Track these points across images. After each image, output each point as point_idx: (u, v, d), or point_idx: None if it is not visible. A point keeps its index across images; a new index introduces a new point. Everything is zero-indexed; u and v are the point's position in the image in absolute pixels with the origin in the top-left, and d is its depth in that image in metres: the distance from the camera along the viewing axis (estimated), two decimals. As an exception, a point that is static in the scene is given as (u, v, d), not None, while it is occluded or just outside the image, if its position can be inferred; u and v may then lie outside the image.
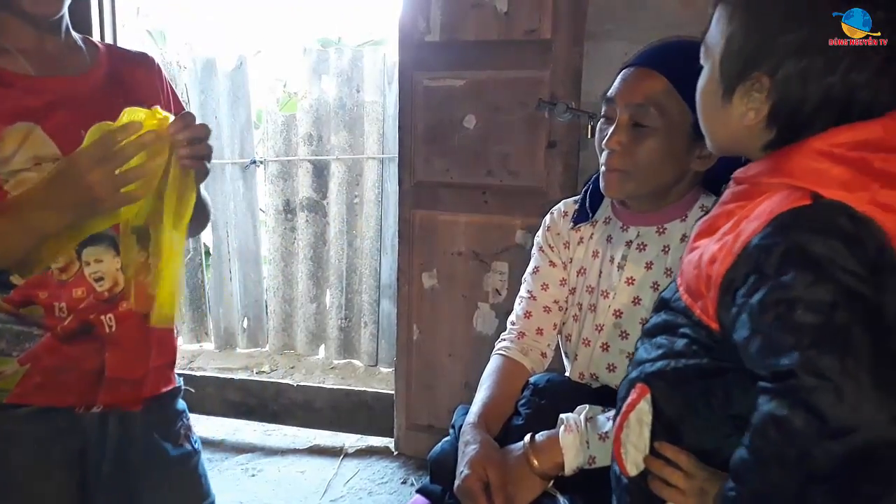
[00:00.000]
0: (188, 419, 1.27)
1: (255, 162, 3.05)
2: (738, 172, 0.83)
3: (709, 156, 1.13)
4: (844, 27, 0.73)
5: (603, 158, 1.17)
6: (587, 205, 1.28)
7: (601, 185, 1.20)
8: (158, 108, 0.96)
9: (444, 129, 2.10)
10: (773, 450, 0.69)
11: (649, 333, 0.93)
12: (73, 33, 1.13)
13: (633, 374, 0.92)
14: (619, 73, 1.19)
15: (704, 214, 1.14)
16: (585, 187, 1.30)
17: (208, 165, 1.05)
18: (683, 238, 1.18)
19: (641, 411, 0.88)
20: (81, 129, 0.96)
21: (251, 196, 3.12)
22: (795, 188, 0.73)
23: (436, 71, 2.08)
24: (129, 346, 1.13)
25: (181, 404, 1.27)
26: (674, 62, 1.13)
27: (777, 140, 0.79)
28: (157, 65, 1.22)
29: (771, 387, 0.70)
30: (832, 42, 0.73)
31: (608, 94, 1.17)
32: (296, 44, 2.97)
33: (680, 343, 0.86)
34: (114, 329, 1.11)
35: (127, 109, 0.95)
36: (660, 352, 0.89)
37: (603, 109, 1.19)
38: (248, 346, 3.24)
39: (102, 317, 1.10)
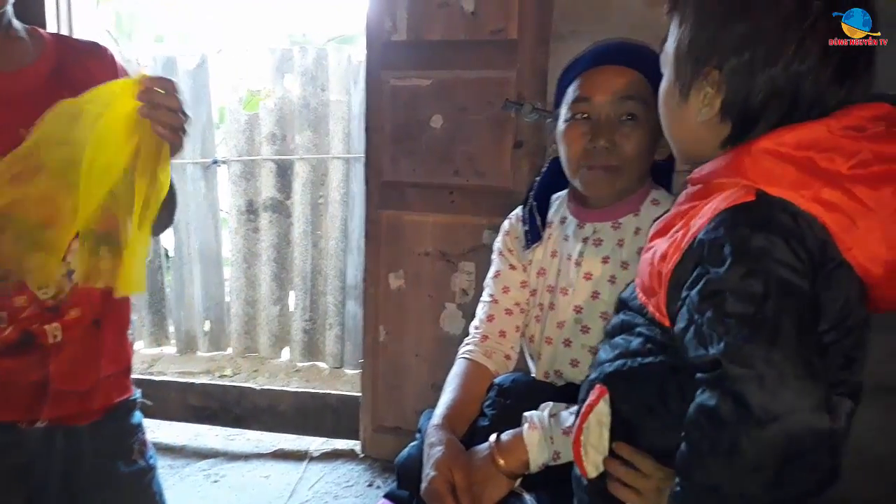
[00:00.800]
0: (144, 433, 1.21)
1: (216, 162, 2.99)
2: (693, 174, 0.85)
3: (667, 144, 1.18)
4: (783, 18, 0.75)
5: (587, 159, 1.18)
6: (537, 223, 1.30)
7: (584, 184, 1.21)
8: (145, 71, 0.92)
9: (411, 129, 2.08)
10: (707, 441, 0.71)
11: (609, 334, 0.95)
12: (16, 24, 1.06)
13: (593, 375, 0.93)
14: (572, 78, 1.20)
15: (656, 208, 1.18)
16: (528, 207, 1.31)
17: (184, 140, 1.01)
18: (637, 231, 1.20)
19: (600, 412, 0.89)
20: (20, 128, 0.92)
21: (213, 196, 3.06)
22: (743, 186, 0.75)
23: (403, 70, 2.06)
24: (77, 357, 1.08)
25: (137, 417, 1.21)
26: (642, 58, 1.17)
27: (732, 137, 0.81)
28: (111, 54, 1.17)
29: (703, 377, 0.72)
30: (773, 33, 0.75)
31: (579, 94, 1.18)
32: (259, 42, 2.93)
33: (636, 342, 0.87)
34: (59, 339, 1.05)
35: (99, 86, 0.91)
36: (617, 352, 0.90)
37: (568, 113, 1.20)
38: (209, 350, 3.18)
39: (46, 326, 1.05)
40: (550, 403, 1.13)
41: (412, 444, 1.27)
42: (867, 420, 0.75)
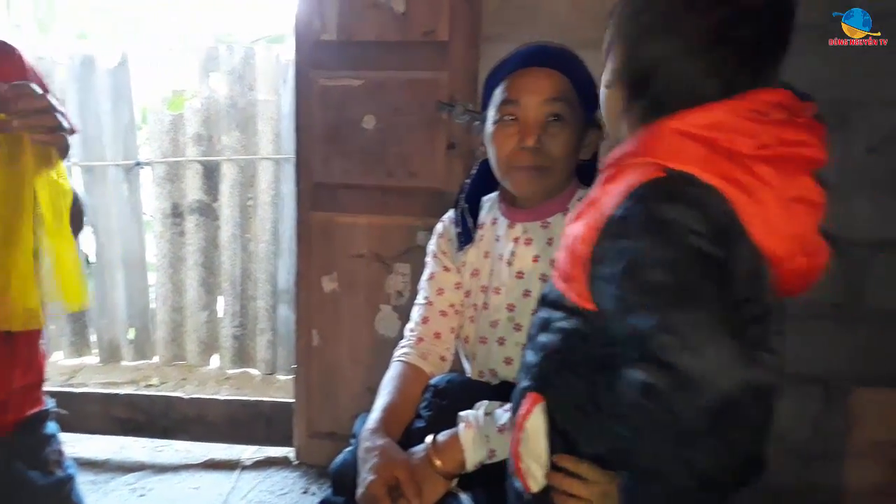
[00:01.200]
0: (59, 443, 1.17)
1: (139, 164, 2.89)
2: (604, 159, 0.87)
3: (590, 143, 1.22)
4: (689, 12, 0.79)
5: (516, 160, 1.20)
6: (469, 225, 1.32)
7: (514, 185, 1.23)
8: None
9: (343, 130, 2.06)
10: (646, 419, 0.71)
11: (531, 336, 0.93)
12: None
13: (523, 382, 0.91)
14: (499, 80, 1.22)
15: None
16: (459, 209, 1.32)
17: (68, 139, 0.96)
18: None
19: (536, 422, 0.87)
20: None
21: (135, 200, 2.95)
22: (652, 164, 0.78)
23: (333, 70, 2.04)
24: None
25: (51, 427, 1.17)
26: (566, 61, 1.20)
27: (641, 120, 0.85)
28: (18, 53, 1.10)
29: (633, 354, 0.72)
30: (676, 23, 0.80)
31: (506, 97, 1.20)
32: (185, 40, 2.84)
33: (556, 339, 0.86)
34: None
35: None
36: (542, 354, 0.88)
37: (496, 115, 1.22)
38: (134, 359, 3.06)
39: None
40: (485, 402, 1.14)
41: (347, 449, 1.26)
42: (785, 408, 0.78)
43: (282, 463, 2.30)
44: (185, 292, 2.98)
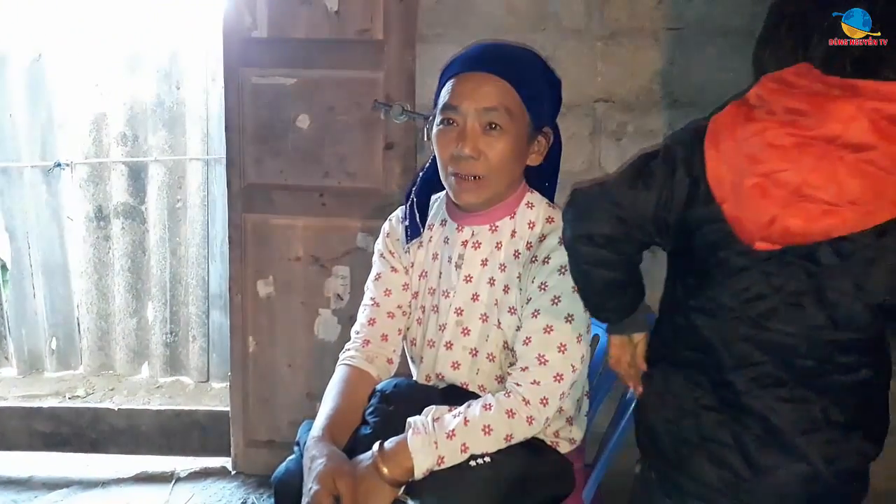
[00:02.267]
0: None
1: (59, 165, 2.74)
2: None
3: (537, 152, 1.20)
4: None
5: (454, 166, 1.18)
6: (417, 219, 1.30)
7: (453, 192, 1.22)
8: None
9: (276, 129, 2.01)
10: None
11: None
12: None
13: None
14: (446, 80, 1.20)
15: (531, 210, 1.23)
16: (409, 202, 1.30)
17: None
18: (514, 234, 1.23)
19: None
20: None
21: (56, 203, 2.81)
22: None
23: (265, 68, 1.99)
24: None
25: None
26: (511, 66, 1.17)
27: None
28: None
29: None
30: None
31: (447, 101, 1.18)
32: (108, 36, 2.71)
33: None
34: None
35: None
36: None
37: (438, 117, 1.20)
38: (58, 369, 2.91)
39: None
40: (434, 407, 1.12)
41: (290, 458, 1.22)
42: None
43: (219, 473, 2.23)
44: (111, 299, 2.85)
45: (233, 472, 2.22)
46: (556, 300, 1.15)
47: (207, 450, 2.30)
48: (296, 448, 1.22)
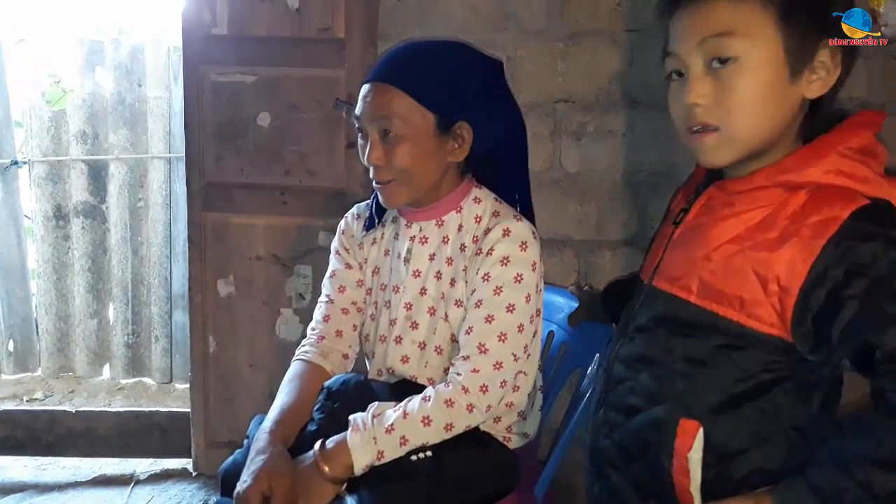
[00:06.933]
0: None
1: (16, 163, 2.69)
2: (770, 176, 0.90)
3: (459, 147, 1.20)
4: None
5: (372, 174, 1.21)
6: (374, 211, 1.31)
7: (381, 199, 1.24)
8: None
9: (237, 127, 1.99)
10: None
11: (649, 358, 0.96)
12: None
13: (661, 411, 0.93)
14: (360, 91, 1.22)
15: (477, 205, 1.22)
16: (374, 193, 1.31)
17: None
18: (460, 228, 1.24)
19: (697, 451, 0.90)
20: None
21: (13, 202, 2.75)
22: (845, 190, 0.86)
23: (225, 66, 1.97)
24: None
25: None
26: (403, 73, 1.18)
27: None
28: None
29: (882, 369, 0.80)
30: None
31: (356, 111, 1.20)
32: (67, 32, 2.67)
33: (720, 363, 0.89)
34: None
35: None
36: (691, 380, 0.91)
37: (357, 127, 1.22)
38: (15, 372, 2.85)
39: None
40: (377, 403, 1.14)
41: (238, 450, 1.23)
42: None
43: (179, 475, 2.21)
44: (71, 299, 2.80)
45: (194, 474, 2.19)
46: (497, 290, 1.16)
47: (168, 452, 2.28)
48: (246, 441, 1.23)
